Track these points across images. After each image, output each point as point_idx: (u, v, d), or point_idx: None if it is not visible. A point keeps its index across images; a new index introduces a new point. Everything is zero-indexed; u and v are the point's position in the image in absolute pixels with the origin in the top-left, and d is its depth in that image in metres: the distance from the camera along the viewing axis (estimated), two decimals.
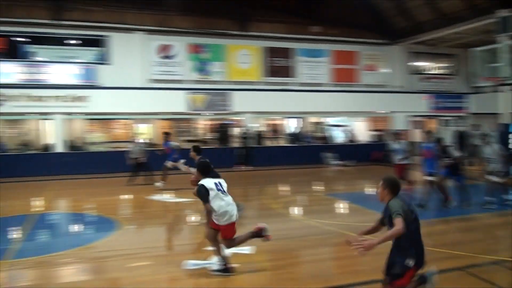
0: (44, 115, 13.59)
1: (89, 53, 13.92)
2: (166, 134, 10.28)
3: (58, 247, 5.80)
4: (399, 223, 2.82)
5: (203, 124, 16.44)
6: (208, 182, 4.14)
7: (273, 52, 14.64)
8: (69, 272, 4.98)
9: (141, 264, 5.05)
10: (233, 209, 4.19)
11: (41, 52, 13.68)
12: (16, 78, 13.11)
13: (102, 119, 15.02)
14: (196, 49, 14.14)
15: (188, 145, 14.74)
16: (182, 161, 9.36)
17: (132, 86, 13.58)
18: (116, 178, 11.62)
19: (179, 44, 14.04)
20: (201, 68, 14.19)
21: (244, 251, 4.94)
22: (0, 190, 9.95)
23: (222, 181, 4.28)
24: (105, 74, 13.63)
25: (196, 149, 6.06)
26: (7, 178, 11.53)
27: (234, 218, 4.18)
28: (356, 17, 14.50)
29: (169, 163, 9.60)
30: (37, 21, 13.18)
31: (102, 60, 13.76)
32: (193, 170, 9.71)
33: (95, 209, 8.59)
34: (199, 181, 4.24)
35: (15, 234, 6.50)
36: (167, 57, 13.99)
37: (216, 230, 4.22)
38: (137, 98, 13.57)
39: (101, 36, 13.72)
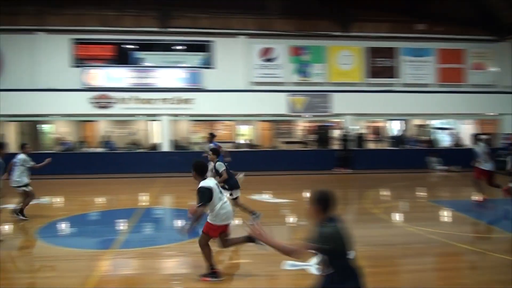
0: (152, 116, 14.27)
1: (194, 58, 14.51)
2: (211, 135, 10.30)
3: (161, 240, 6.16)
4: (301, 246, 2.42)
5: (302, 126, 16.52)
6: (211, 183, 4.17)
7: (375, 52, 14.50)
8: (170, 265, 5.24)
9: (241, 261, 5.23)
10: (231, 210, 4.32)
11: (149, 58, 14.45)
12: (126, 82, 13.91)
13: (206, 120, 15.54)
14: (297, 51, 14.34)
15: (287, 147, 15.19)
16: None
17: (234, 89, 13.99)
18: None
19: (280, 47, 14.29)
20: (302, 70, 14.32)
21: None
22: (111, 185, 11.07)
23: (217, 183, 4.37)
24: (209, 78, 14.12)
25: (215, 151, 6.44)
26: (116, 175, 12.40)
27: (231, 219, 4.32)
28: (462, 13, 13.97)
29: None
30: (145, 29, 14.03)
31: (206, 64, 14.29)
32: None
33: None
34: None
35: (123, 226, 6.98)
36: (268, 60, 14.28)
37: (210, 235, 4.23)
38: (239, 100, 13.93)
39: (206, 41, 14.30)
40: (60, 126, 16.08)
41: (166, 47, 14.49)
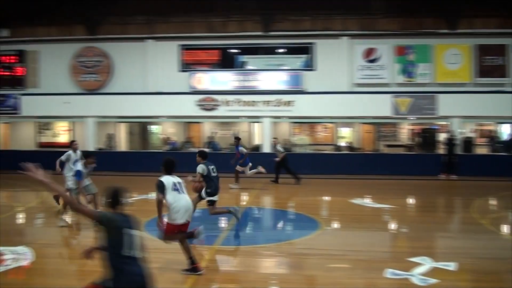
0: (254, 118, 18.41)
1: (296, 60, 18.42)
2: (237, 139, 13.65)
3: (260, 240, 7.94)
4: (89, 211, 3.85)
5: (406, 129, 19.57)
6: (167, 180, 5.51)
7: (484, 50, 16.84)
8: (269, 264, 6.61)
9: (339, 266, 6.20)
10: (187, 210, 5.56)
11: (252, 61, 18.63)
12: (230, 85, 18.17)
13: (306, 123, 19.46)
14: (401, 51, 17.55)
15: (389, 150, 18.45)
16: (249, 165, 13.00)
17: (336, 91, 17.46)
18: (317, 180, 14.92)
19: (384, 47, 17.46)
20: (407, 70, 17.49)
21: (447, 267, 5.70)
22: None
23: (181, 181, 5.66)
24: (310, 80, 17.84)
25: (202, 154, 7.69)
26: (221, 174, 15.93)
27: (185, 219, 5.55)
28: None
29: (238, 167, 13.02)
30: (249, 33, 18.20)
31: (308, 66, 18.05)
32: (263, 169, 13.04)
33: (296, 207, 11.09)
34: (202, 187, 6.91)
35: (224, 224, 8.88)
36: (372, 60, 17.72)
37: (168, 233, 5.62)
38: (340, 102, 17.25)
39: (308, 43, 18.11)
40: (167, 127, 20.98)
41: (268, 51, 18.58)
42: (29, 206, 11.00)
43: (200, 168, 7.49)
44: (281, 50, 18.72)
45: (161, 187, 5.46)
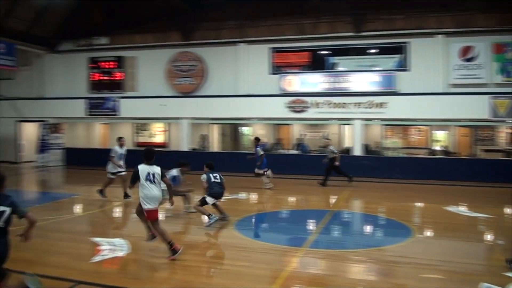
0: (344, 120, 22.97)
1: (388, 61, 22.61)
2: (257, 139, 17.08)
3: (350, 244, 9.14)
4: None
5: (505, 133, 22.58)
6: (142, 169, 7.84)
7: None
8: (357, 270, 7.53)
9: (432, 276, 6.97)
10: (155, 198, 7.80)
11: (343, 63, 23.19)
12: (320, 87, 22.84)
13: (399, 125, 23.68)
14: (500, 48, 20.56)
15: (487, 155, 21.98)
16: (266, 168, 16.44)
17: (430, 92, 20.98)
18: (410, 185, 17.50)
19: (482, 45, 20.44)
20: (506, 69, 20.75)
21: None
22: (302, 186, 17.31)
23: (157, 172, 7.81)
24: (403, 81, 21.69)
25: (209, 166, 10.98)
26: (307, 176, 19.60)
27: (153, 206, 7.81)
28: None
29: (256, 170, 16.43)
30: (340, 34, 22.55)
31: (401, 66, 22.06)
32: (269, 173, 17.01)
33: (387, 212, 12.61)
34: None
35: (313, 226, 10.64)
36: (468, 59, 21.33)
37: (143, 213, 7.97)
38: (435, 103, 20.50)
39: (401, 43, 22.08)
40: (257, 128, 26.48)
41: (360, 51, 22.84)
42: (126, 201, 13.56)
43: (202, 177, 10.75)
44: (373, 51, 22.60)
45: (134, 176, 7.83)
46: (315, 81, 22.70)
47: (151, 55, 25.25)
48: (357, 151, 21.84)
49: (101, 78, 26.49)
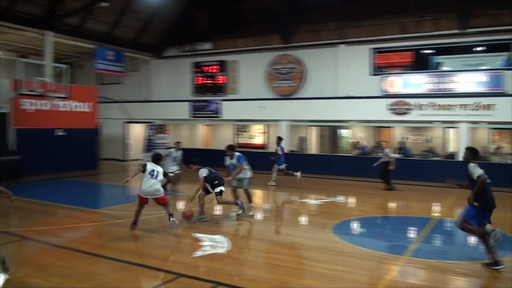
0: (449, 123, 22.06)
1: (495, 59, 21.17)
2: (279, 138, 18.50)
3: (452, 256, 8.81)
4: None
5: None
6: (149, 166, 10.01)
7: None
8: (459, 283, 7.32)
9: None
10: (150, 192, 9.90)
11: (448, 62, 22.30)
12: (423, 88, 22.01)
13: (508, 129, 22.31)
14: None
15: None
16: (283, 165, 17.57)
17: None
18: None
19: None
20: None
21: None
22: (403, 192, 16.58)
23: (159, 170, 9.98)
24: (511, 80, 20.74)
25: (195, 162, 11.52)
26: (410, 181, 19.13)
27: (146, 196, 10.01)
28: None
29: (276, 166, 17.61)
30: (444, 32, 21.65)
31: (509, 65, 20.66)
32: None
33: (493, 223, 12.01)
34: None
35: (415, 234, 10.41)
36: None
37: (142, 202, 10.13)
38: None
39: (509, 39, 20.85)
40: (357, 131, 26.24)
41: (465, 50, 21.70)
42: (227, 200, 13.18)
43: (201, 172, 11.23)
44: (479, 49, 21.51)
45: (142, 167, 10.01)
46: (418, 82, 22.02)
47: (252, 58, 25.82)
48: (462, 156, 20.68)
49: (204, 81, 27.52)
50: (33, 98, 20.46)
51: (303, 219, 12.21)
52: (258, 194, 17.84)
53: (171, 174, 13.95)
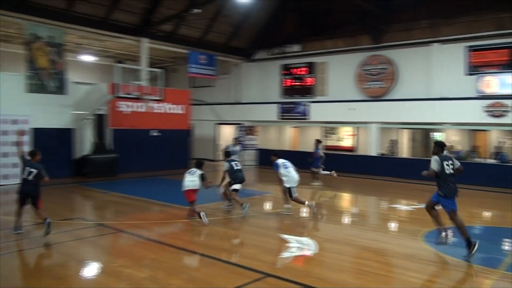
0: None
1: None
2: (318, 141, 19.00)
3: None
4: None
5: None
6: (190, 170, 11.52)
7: None
8: None
9: None
10: (187, 185, 11.18)
11: None
12: None
13: None
14: None
15: None
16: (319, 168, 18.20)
17: None
18: None
19: None
20: None
21: None
22: (502, 200, 15.77)
23: (197, 170, 11.39)
24: None
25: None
26: (506, 189, 17.73)
27: (184, 188, 11.23)
28: None
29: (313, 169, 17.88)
30: None
31: None
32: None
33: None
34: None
35: (510, 246, 9.93)
36: None
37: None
38: None
39: None
40: (450, 134, 25.24)
41: None
42: (314, 202, 13.49)
43: (224, 166, 12.63)
44: None
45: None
46: None
47: (341, 59, 25.58)
48: None
49: (293, 83, 27.57)
50: (129, 100, 21.55)
51: (393, 225, 11.97)
52: (346, 198, 17.72)
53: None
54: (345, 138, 27.29)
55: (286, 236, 9.84)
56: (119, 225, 11.33)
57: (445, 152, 8.79)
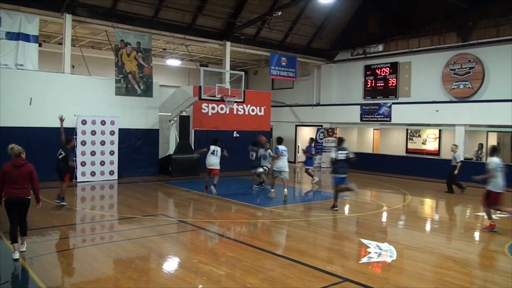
0: None
1: None
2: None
3: None
4: None
5: None
6: (212, 147, 15.07)
7: None
8: None
9: None
10: (212, 164, 15.12)
11: None
12: None
13: None
14: None
15: None
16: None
17: None
18: None
19: None
20: None
21: None
22: None
23: (218, 149, 15.16)
24: None
25: (254, 144, 17.15)
26: None
27: (211, 167, 15.10)
28: None
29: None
30: None
31: None
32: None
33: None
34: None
35: None
36: None
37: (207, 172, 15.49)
38: None
39: None
40: None
41: None
42: (395, 207, 14.49)
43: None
44: None
45: (207, 147, 15.44)
46: None
47: (426, 59, 24.79)
48: None
49: (375, 84, 26.98)
50: (212, 102, 22.00)
51: (478, 235, 11.30)
52: (428, 204, 17.17)
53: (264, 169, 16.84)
54: (429, 141, 26.22)
55: (365, 241, 9.71)
56: (199, 223, 11.67)
57: None
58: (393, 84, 26.11)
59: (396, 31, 25.76)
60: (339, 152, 12.92)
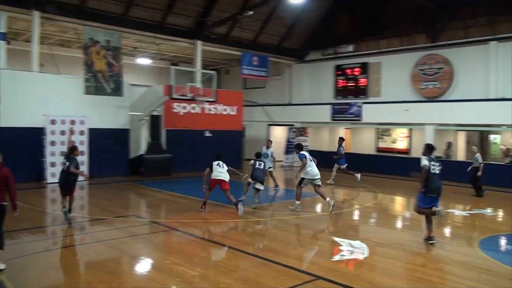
0: None
1: None
2: (341, 139, 19.60)
3: None
4: None
5: None
6: (215, 163, 12.48)
7: None
8: None
9: None
10: (220, 174, 12.41)
11: None
12: None
13: None
14: None
15: None
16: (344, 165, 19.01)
17: None
18: None
19: None
20: None
21: None
22: None
23: (222, 163, 12.65)
24: None
25: (256, 155, 14.57)
26: None
27: (217, 178, 12.35)
28: None
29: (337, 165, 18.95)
30: None
31: None
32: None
33: None
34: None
35: None
36: None
37: (211, 186, 12.52)
38: None
39: None
40: (508, 137, 24.08)
41: None
42: (366, 205, 14.81)
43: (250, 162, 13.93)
44: None
45: (210, 165, 12.68)
46: None
47: (396, 59, 25.09)
48: None
49: (346, 84, 27.23)
50: (184, 102, 21.85)
51: (449, 231, 11.51)
52: (399, 201, 17.37)
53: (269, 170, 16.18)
54: (399, 140, 26.60)
55: (337, 239, 9.77)
56: (172, 223, 11.53)
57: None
58: (364, 84, 26.33)
59: (366, 31, 26.07)
60: (433, 163, 9.53)
